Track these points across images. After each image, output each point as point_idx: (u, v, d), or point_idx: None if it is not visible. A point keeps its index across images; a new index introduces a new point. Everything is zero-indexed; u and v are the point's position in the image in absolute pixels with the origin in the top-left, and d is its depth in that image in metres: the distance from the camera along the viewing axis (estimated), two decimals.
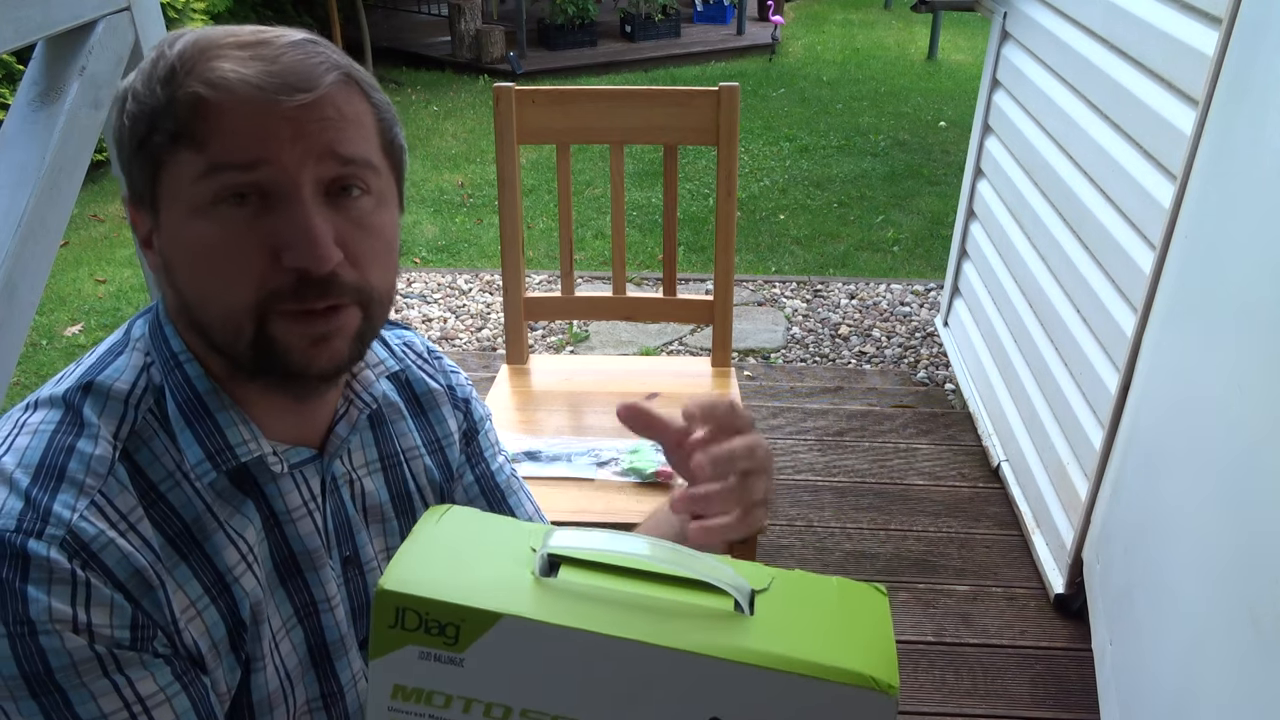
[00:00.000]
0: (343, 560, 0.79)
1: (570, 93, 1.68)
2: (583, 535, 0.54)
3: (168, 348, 0.70)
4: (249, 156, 0.62)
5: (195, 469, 0.68)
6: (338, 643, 0.78)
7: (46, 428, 0.65)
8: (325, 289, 0.65)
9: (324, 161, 0.64)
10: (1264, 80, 1.30)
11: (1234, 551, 1.24)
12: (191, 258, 0.65)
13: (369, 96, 0.68)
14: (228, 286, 0.64)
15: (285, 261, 0.63)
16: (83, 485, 0.63)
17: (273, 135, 0.62)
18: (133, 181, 0.67)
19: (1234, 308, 1.32)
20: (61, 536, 0.60)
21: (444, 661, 0.50)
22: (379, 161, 0.68)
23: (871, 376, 2.86)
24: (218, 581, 0.69)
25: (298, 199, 0.63)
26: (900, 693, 0.49)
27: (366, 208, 0.67)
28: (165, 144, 0.63)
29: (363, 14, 6.22)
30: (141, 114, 0.63)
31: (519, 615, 0.49)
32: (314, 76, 0.63)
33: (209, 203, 0.63)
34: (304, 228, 0.63)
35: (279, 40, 0.64)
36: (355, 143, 0.66)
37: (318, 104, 0.63)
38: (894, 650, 0.51)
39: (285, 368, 0.67)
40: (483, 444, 0.93)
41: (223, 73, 0.61)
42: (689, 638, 0.49)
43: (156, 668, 0.63)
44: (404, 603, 0.50)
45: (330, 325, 0.66)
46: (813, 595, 0.54)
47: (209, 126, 0.61)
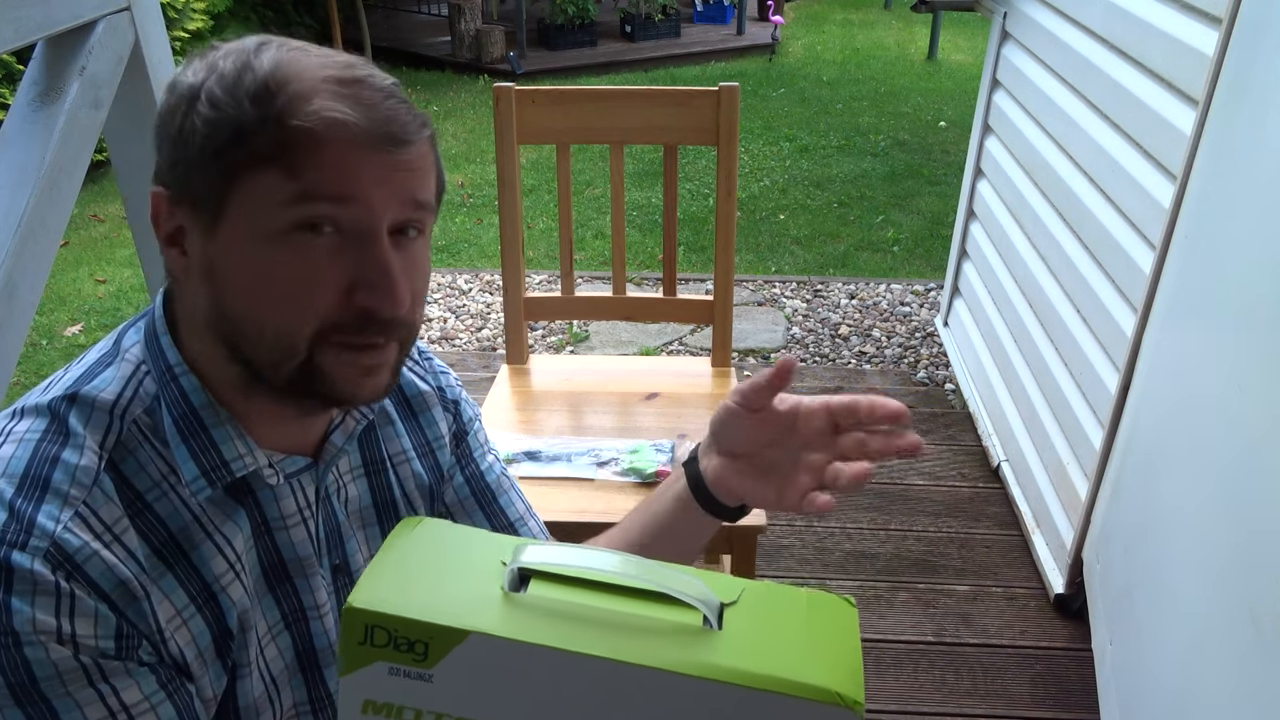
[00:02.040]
0: (332, 568, 0.79)
1: (570, 93, 1.68)
2: (553, 550, 0.54)
3: (163, 360, 0.69)
4: (344, 192, 0.63)
5: (191, 485, 0.68)
6: (326, 650, 0.78)
7: (32, 437, 0.65)
8: (385, 328, 0.67)
9: (404, 208, 0.66)
10: (1264, 80, 1.30)
11: (1234, 551, 1.24)
12: (257, 279, 0.65)
13: (434, 146, 0.71)
14: (291, 312, 0.65)
15: (358, 300, 0.65)
16: (67, 496, 0.62)
17: (368, 176, 0.64)
18: (188, 182, 0.65)
19: (1234, 307, 1.32)
20: (45, 548, 0.60)
21: (413, 677, 0.50)
22: (433, 203, 0.71)
23: (871, 376, 2.86)
24: (204, 590, 0.69)
25: (378, 240, 0.65)
26: (900, 693, 0.49)
27: (419, 248, 0.70)
28: (248, 160, 0.62)
29: (363, 14, 6.22)
30: (223, 123, 0.62)
31: (487, 632, 0.49)
32: (411, 130, 0.66)
33: (289, 229, 0.63)
34: (384, 270, 0.65)
35: (373, 83, 0.66)
36: (427, 189, 0.69)
37: (411, 157, 0.66)
38: (860, 665, 0.51)
39: (328, 394, 0.68)
40: (472, 444, 0.92)
41: (336, 113, 0.62)
42: (657, 654, 0.49)
43: (141, 676, 0.63)
44: (372, 620, 0.50)
45: (378, 359, 0.68)
46: (781, 609, 0.54)
47: (310, 157, 0.62)
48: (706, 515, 0.84)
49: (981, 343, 2.59)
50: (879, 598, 2.02)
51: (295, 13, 6.58)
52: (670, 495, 0.86)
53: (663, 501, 0.86)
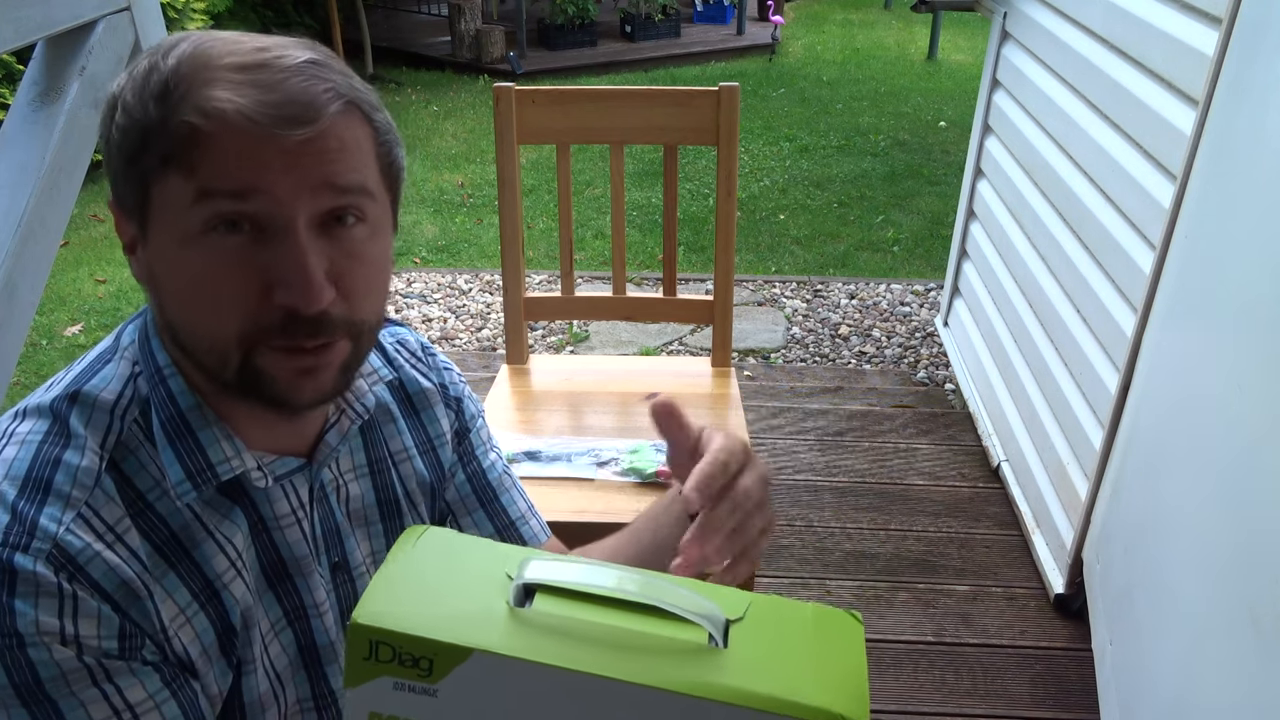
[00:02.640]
0: (331, 566, 0.79)
1: (570, 93, 1.68)
2: (558, 566, 0.54)
3: (153, 361, 0.69)
4: (241, 185, 0.60)
5: (176, 488, 0.67)
6: (328, 647, 0.78)
7: (34, 438, 0.65)
8: (315, 328, 0.63)
9: (320, 194, 0.62)
10: (1264, 80, 1.30)
11: (1234, 551, 1.24)
12: (179, 284, 0.64)
13: (371, 120, 0.66)
14: (215, 317, 0.63)
15: (276, 298, 0.62)
16: (69, 498, 0.62)
17: (267, 165, 0.60)
18: (119, 191, 0.65)
19: (1234, 307, 1.32)
20: (48, 550, 0.60)
21: (418, 692, 0.50)
22: (376, 187, 0.67)
23: (871, 376, 2.86)
24: (206, 588, 0.69)
25: (291, 233, 0.61)
26: (900, 693, 0.49)
27: (360, 236, 0.65)
28: (156, 165, 0.61)
29: (363, 14, 6.22)
30: (132, 128, 0.61)
31: (491, 650, 0.49)
32: (315, 107, 0.61)
33: (199, 230, 0.61)
34: (297, 265, 0.61)
35: (280, 62, 0.61)
36: (353, 171, 0.64)
37: (318, 137, 0.61)
38: (866, 684, 0.51)
39: (271, 397, 0.66)
40: (474, 442, 0.92)
41: (218, 102, 0.59)
42: (662, 674, 0.49)
43: (145, 675, 0.63)
44: (377, 636, 0.50)
45: (319, 360, 0.66)
46: (787, 624, 0.54)
47: (200, 154, 0.59)
48: None
49: (981, 343, 2.59)
50: (879, 598, 2.02)
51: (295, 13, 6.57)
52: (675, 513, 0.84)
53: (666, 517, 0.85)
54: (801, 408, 2.67)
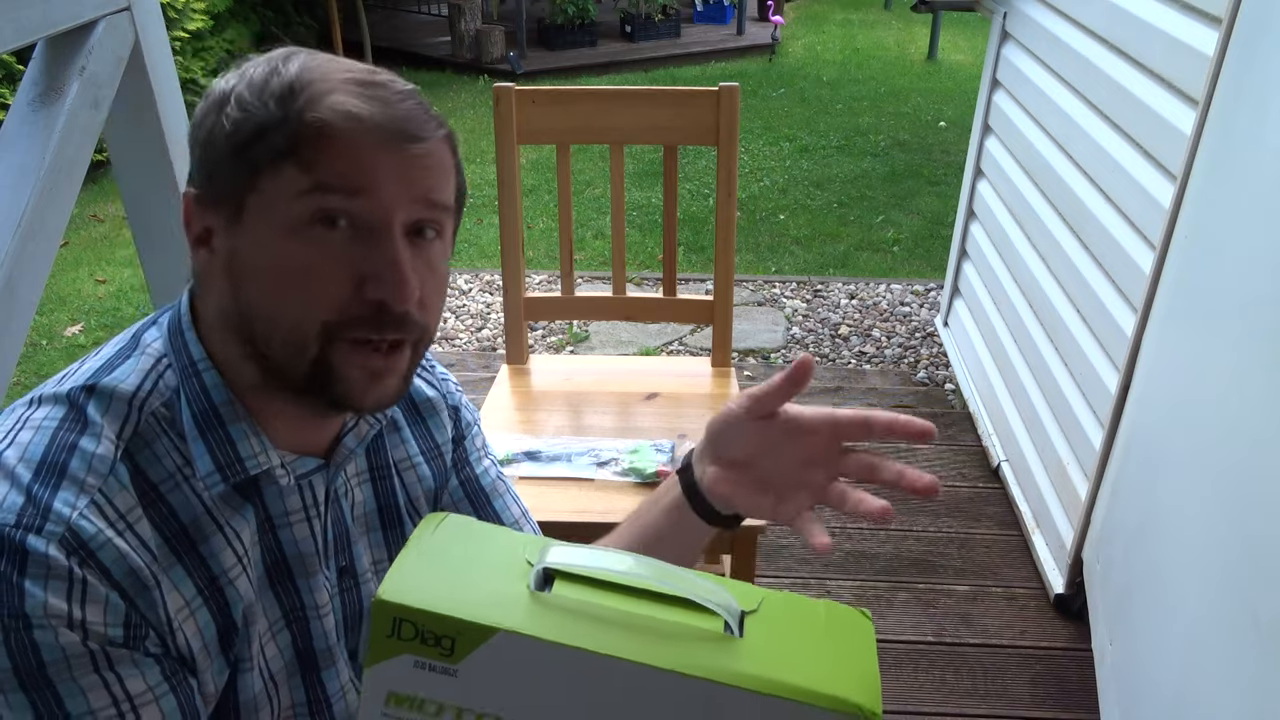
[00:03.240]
0: (339, 570, 0.79)
1: (570, 93, 1.68)
2: (578, 552, 0.54)
3: (186, 354, 0.70)
4: (354, 183, 0.64)
5: (205, 479, 0.69)
6: (325, 651, 0.78)
7: (50, 424, 0.65)
8: (399, 325, 0.67)
9: (417, 205, 0.67)
10: (1264, 80, 1.30)
11: (1234, 551, 1.24)
12: (271, 271, 0.66)
13: (454, 150, 0.72)
14: (305, 305, 0.66)
15: (368, 292, 0.65)
16: (83, 483, 0.63)
17: (382, 170, 0.65)
18: (215, 182, 0.67)
19: (1234, 307, 1.32)
20: (61, 533, 0.61)
21: (438, 671, 0.51)
22: (451, 206, 0.72)
23: (871, 376, 2.86)
24: (211, 583, 0.69)
25: (389, 233, 0.66)
26: (900, 693, 0.50)
27: (437, 251, 0.70)
28: (269, 156, 0.64)
29: (363, 14, 6.22)
30: (247, 122, 0.65)
31: (514, 630, 0.50)
32: (428, 129, 0.67)
33: (304, 222, 0.64)
34: (394, 263, 0.65)
35: (394, 85, 0.68)
36: (443, 190, 0.69)
37: (425, 154, 0.67)
38: (878, 677, 0.53)
39: (336, 397, 0.69)
40: (468, 448, 0.93)
41: (351, 106, 0.64)
42: (680, 658, 0.50)
43: (147, 667, 0.64)
44: (401, 613, 0.50)
45: (389, 362, 0.69)
46: (801, 619, 0.55)
47: (324, 150, 0.64)
48: (703, 523, 0.82)
49: (981, 343, 2.59)
50: (879, 598, 2.02)
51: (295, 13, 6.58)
52: (666, 503, 0.84)
53: (658, 509, 0.85)
54: None
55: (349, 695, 0.81)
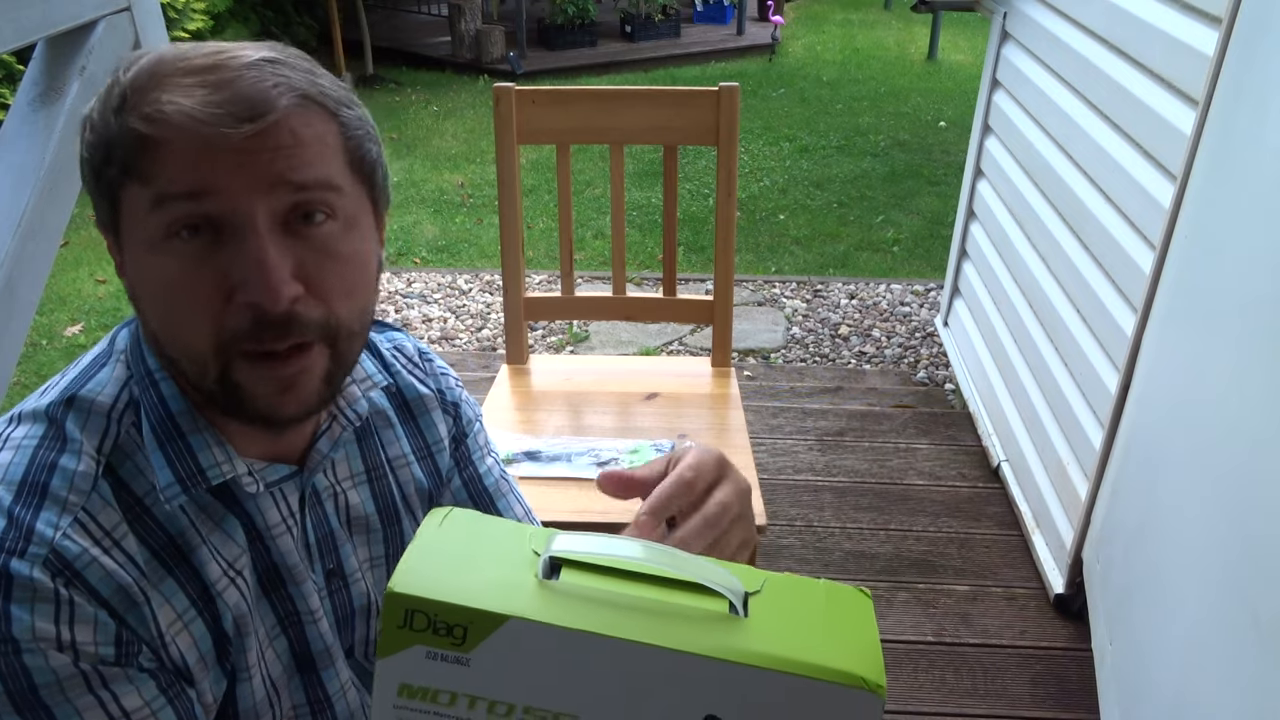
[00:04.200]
0: (326, 573, 0.78)
1: (570, 93, 1.68)
2: (583, 539, 0.55)
3: (144, 365, 0.69)
4: (193, 186, 0.59)
5: (164, 491, 0.66)
6: (323, 653, 0.78)
7: (29, 443, 0.64)
8: (285, 328, 0.62)
9: (276, 190, 0.60)
10: (1264, 80, 1.30)
11: (1234, 551, 1.24)
12: (152, 292, 0.63)
13: (335, 114, 0.64)
14: (187, 326, 0.62)
15: (239, 298, 0.60)
16: (66, 502, 0.62)
17: (218, 165, 0.59)
18: (98, 209, 0.66)
19: (1234, 307, 1.32)
20: (44, 555, 0.60)
21: (450, 661, 0.51)
22: (344, 181, 0.65)
23: (871, 376, 2.86)
24: (203, 594, 0.68)
25: (250, 231, 0.60)
26: (900, 693, 0.50)
27: (332, 233, 0.64)
28: (118, 177, 0.61)
29: (363, 14, 6.22)
30: (98, 144, 0.62)
31: (525, 617, 0.50)
32: (265, 102, 0.59)
33: (161, 237, 0.60)
34: (255, 261, 0.60)
35: (234, 62, 0.60)
36: (313, 166, 0.62)
37: (268, 131, 0.59)
38: (880, 652, 0.53)
39: (252, 412, 0.65)
40: (471, 447, 0.91)
41: (160, 105, 0.58)
42: (687, 639, 0.51)
43: (142, 682, 0.63)
44: (413, 604, 0.51)
45: (294, 368, 0.64)
46: (802, 598, 0.56)
47: (151, 160, 0.59)
48: None
49: (981, 343, 2.59)
50: (879, 598, 2.02)
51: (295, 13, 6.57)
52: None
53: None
54: (801, 408, 2.67)
55: (349, 694, 0.81)
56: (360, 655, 0.83)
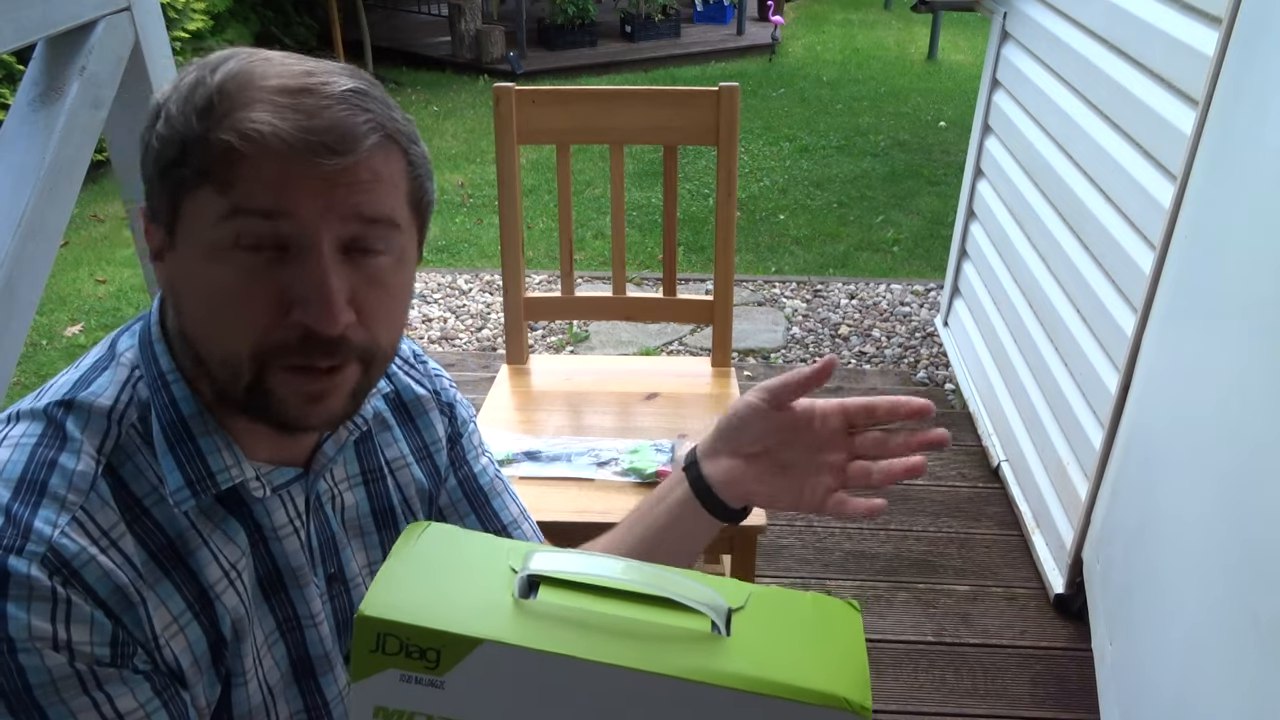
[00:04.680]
0: (327, 577, 0.78)
1: (570, 93, 1.68)
2: (561, 557, 0.54)
3: (156, 366, 0.69)
4: (273, 206, 0.61)
5: (174, 495, 0.67)
6: (322, 658, 0.77)
7: (28, 441, 0.64)
8: (332, 350, 0.64)
9: (348, 222, 0.63)
10: (1264, 80, 1.30)
11: (1234, 551, 1.24)
12: (200, 295, 0.64)
13: (406, 153, 0.67)
14: (232, 331, 0.63)
15: (294, 317, 0.62)
16: (64, 501, 0.62)
17: (300, 190, 0.61)
18: (153, 198, 0.65)
19: (1234, 307, 1.32)
20: (42, 553, 0.60)
21: (425, 684, 0.50)
22: (404, 218, 0.67)
23: (871, 376, 2.86)
24: (200, 597, 0.68)
25: (316, 255, 0.62)
26: (900, 693, 0.50)
27: (385, 266, 0.66)
28: (191, 177, 0.62)
29: (363, 14, 6.21)
30: (172, 139, 0.62)
31: (499, 640, 0.50)
32: (353, 139, 0.61)
33: (226, 246, 0.62)
34: (318, 286, 0.62)
35: (324, 89, 0.62)
36: (382, 203, 0.64)
37: (352, 167, 0.62)
38: (866, 670, 0.52)
39: (278, 419, 0.66)
40: (465, 447, 0.92)
41: (258, 125, 0.60)
42: (667, 661, 0.50)
43: (136, 684, 0.63)
44: (384, 628, 0.50)
45: (328, 384, 0.66)
46: (788, 613, 0.55)
47: (236, 173, 0.60)
48: (709, 518, 0.83)
49: (981, 343, 2.59)
50: (879, 598, 2.02)
51: (295, 13, 6.57)
52: (671, 501, 0.84)
53: (662, 507, 0.85)
54: None
55: (347, 701, 0.81)
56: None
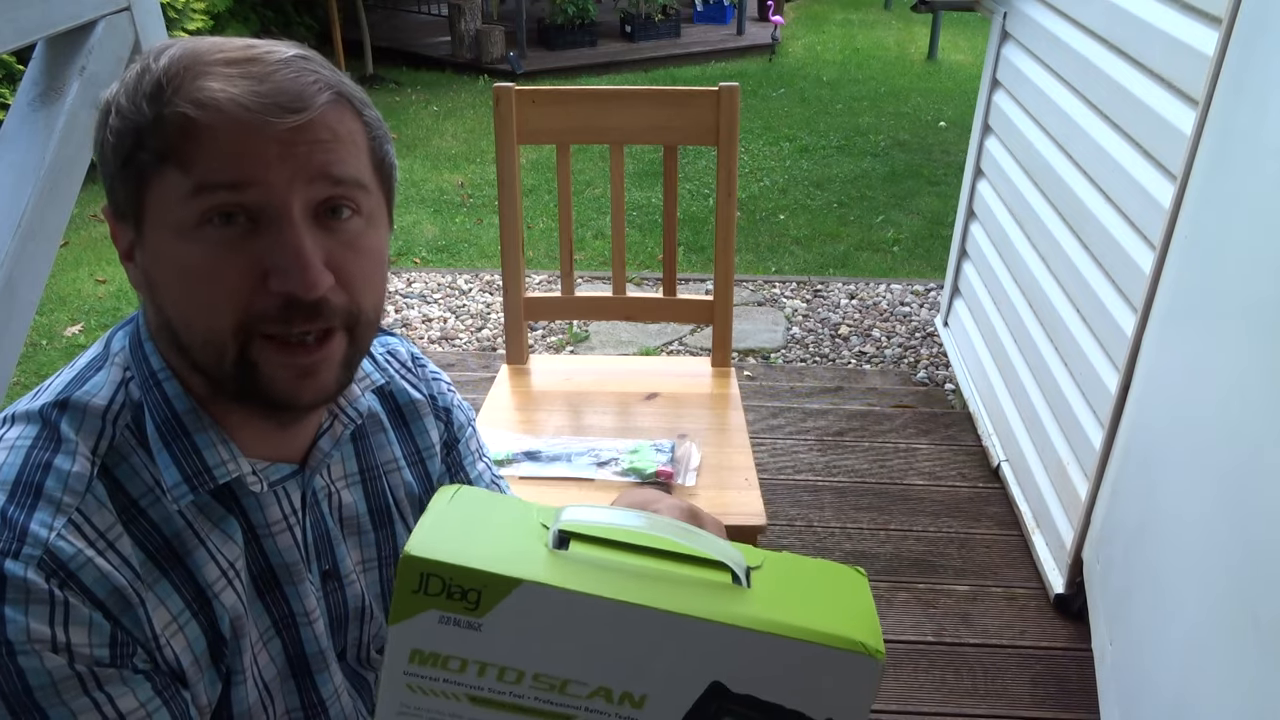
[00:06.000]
0: (322, 574, 0.78)
1: (570, 93, 1.68)
2: (591, 511, 0.56)
3: (147, 365, 0.69)
4: (237, 176, 0.60)
5: (172, 491, 0.67)
6: (317, 656, 0.77)
7: (23, 443, 0.64)
8: (313, 313, 0.64)
9: (315, 183, 0.63)
10: (1264, 80, 1.30)
11: (1235, 551, 1.24)
12: (176, 278, 0.64)
13: (361, 115, 0.67)
14: (212, 307, 0.63)
15: (273, 285, 0.62)
16: (60, 503, 0.62)
17: (261, 155, 0.61)
18: (115, 196, 0.65)
19: (1234, 307, 1.32)
20: (39, 556, 0.60)
21: (463, 626, 0.52)
22: (370, 181, 0.67)
23: (871, 376, 2.86)
24: (199, 596, 0.68)
25: (288, 221, 0.62)
26: (900, 693, 0.51)
27: (357, 228, 0.66)
28: (152, 162, 0.62)
29: (363, 14, 6.22)
30: (126, 130, 0.62)
31: (538, 581, 0.51)
32: (306, 96, 0.62)
33: (195, 224, 0.61)
34: (294, 251, 0.62)
35: (269, 57, 0.62)
36: (347, 163, 0.64)
37: (310, 125, 0.62)
38: (878, 622, 0.55)
39: (270, 398, 0.66)
40: (462, 452, 0.92)
41: (211, 92, 0.60)
42: (694, 604, 0.52)
43: (137, 684, 0.63)
44: (429, 568, 0.51)
45: (316, 356, 0.66)
46: (801, 573, 0.58)
47: (196, 147, 0.60)
48: None
49: (981, 343, 2.59)
50: (879, 597, 2.02)
51: (295, 13, 6.57)
52: None
53: None
54: (801, 408, 2.67)
55: (343, 698, 0.80)
56: (352, 659, 0.83)
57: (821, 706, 0.53)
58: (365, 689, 0.84)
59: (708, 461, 1.51)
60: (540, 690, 0.53)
